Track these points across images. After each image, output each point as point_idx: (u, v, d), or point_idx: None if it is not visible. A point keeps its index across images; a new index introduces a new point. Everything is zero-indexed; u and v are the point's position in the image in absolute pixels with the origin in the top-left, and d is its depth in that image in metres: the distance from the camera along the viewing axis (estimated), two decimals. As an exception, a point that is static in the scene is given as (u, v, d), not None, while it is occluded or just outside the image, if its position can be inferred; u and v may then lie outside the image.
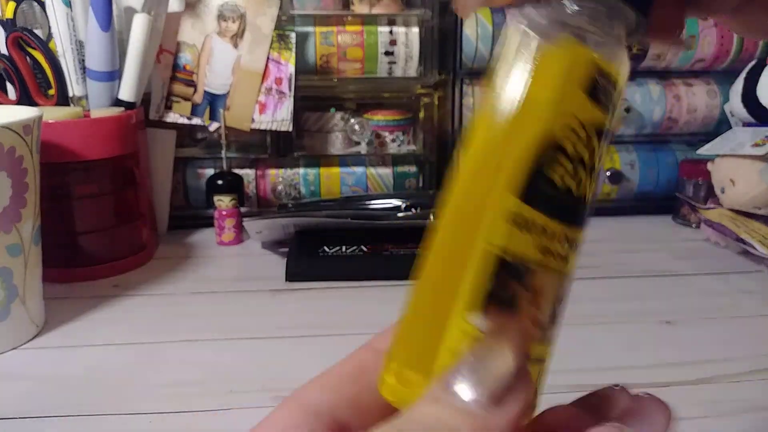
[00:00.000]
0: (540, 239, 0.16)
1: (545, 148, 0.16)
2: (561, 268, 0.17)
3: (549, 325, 0.17)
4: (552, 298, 0.17)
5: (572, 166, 0.16)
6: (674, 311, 0.49)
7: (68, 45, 0.58)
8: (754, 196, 0.60)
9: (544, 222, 0.16)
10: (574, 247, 0.17)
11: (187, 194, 0.70)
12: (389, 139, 0.72)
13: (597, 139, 0.17)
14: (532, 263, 0.16)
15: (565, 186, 0.16)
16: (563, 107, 0.16)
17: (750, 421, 0.36)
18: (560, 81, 0.16)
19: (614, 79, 0.17)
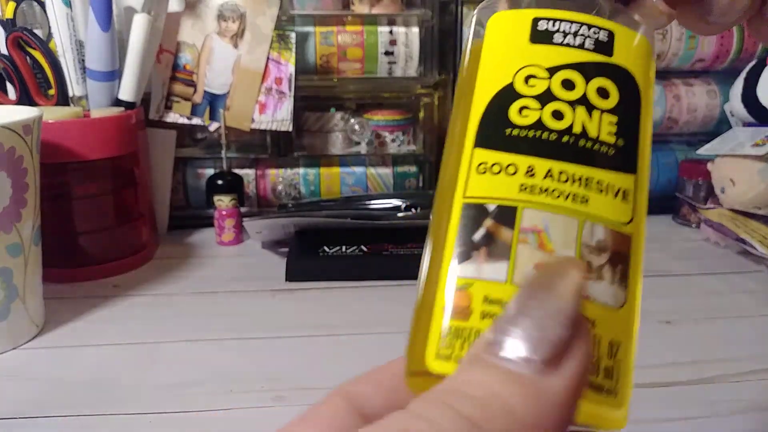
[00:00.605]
0: (515, 179, 0.15)
1: (496, 96, 0.16)
2: (569, 207, 0.15)
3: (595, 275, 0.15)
4: (571, 242, 0.15)
5: (537, 101, 0.16)
6: (674, 311, 0.49)
7: (68, 45, 0.58)
8: (754, 196, 0.60)
9: (512, 160, 0.15)
10: (596, 188, 0.16)
11: (187, 194, 0.70)
12: (389, 139, 0.72)
13: (576, 73, 0.16)
14: (512, 202, 0.15)
15: (528, 121, 0.16)
16: (507, 60, 0.16)
17: (750, 421, 0.36)
18: (494, 41, 0.17)
19: (584, 21, 0.17)
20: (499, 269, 0.15)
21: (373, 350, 0.43)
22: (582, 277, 0.14)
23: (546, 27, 0.17)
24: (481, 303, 0.15)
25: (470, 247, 0.15)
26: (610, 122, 0.16)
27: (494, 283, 0.15)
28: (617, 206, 0.16)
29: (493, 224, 0.15)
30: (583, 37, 0.17)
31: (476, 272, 0.15)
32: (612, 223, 0.16)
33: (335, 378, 0.41)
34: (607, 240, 0.15)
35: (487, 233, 0.15)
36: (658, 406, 0.37)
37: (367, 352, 0.43)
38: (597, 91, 0.16)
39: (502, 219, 0.15)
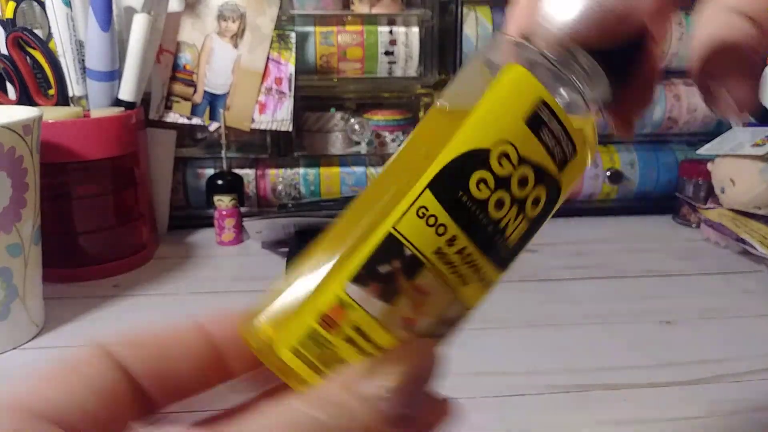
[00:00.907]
0: (438, 240, 0.17)
1: (471, 153, 0.17)
2: (454, 283, 0.17)
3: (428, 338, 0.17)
4: (436, 312, 0.17)
5: (495, 183, 0.17)
6: (674, 311, 0.49)
7: (68, 45, 0.58)
8: (754, 196, 0.60)
9: (446, 222, 0.17)
10: (478, 276, 0.17)
11: (187, 194, 0.70)
12: (389, 139, 0.72)
13: (533, 175, 0.17)
14: (423, 259, 0.17)
15: (480, 197, 0.17)
16: (498, 125, 0.17)
17: (750, 421, 0.36)
18: (502, 99, 0.17)
19: (569, 130, 0.18)
20: (379, 308, 0.16)
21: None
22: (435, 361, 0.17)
23: (542, 118, 0.17)
24: (350, 327, 0.16)
25: (372, 275, 0.16)
26: (522, 230, 0.18)
27: (368, 317, 0.16)
28: (480, 296, 0.18)
29: (399, 268, 0.16)
30: (557, 146, 0.18)
31: (362, 300, 0.16)
32: (468, 307, 0.18)
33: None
34: (457, 317, 0.18)
35: (389, 273, 0.16)
36: (657, 406, 0.37)
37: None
38: (533, 199, 0.18)
39: (408, 268, 0.16)
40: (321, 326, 0.16)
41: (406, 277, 0.16)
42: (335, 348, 0.17)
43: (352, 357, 0.17)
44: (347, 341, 0.17)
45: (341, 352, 0.17)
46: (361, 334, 0.17)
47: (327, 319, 0.16)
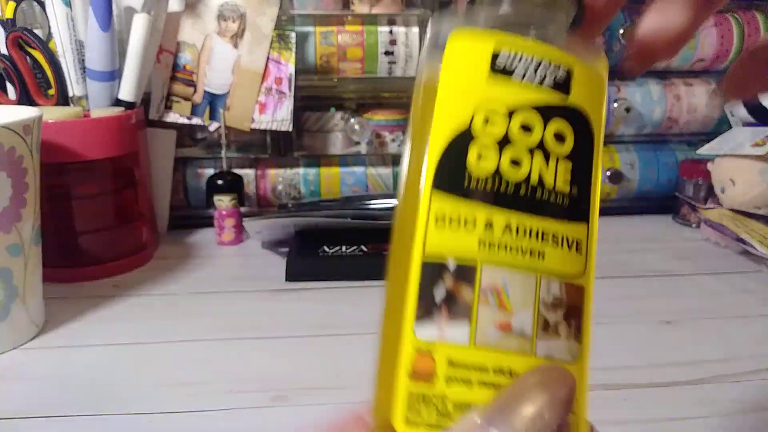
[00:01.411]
0: (474, 234, 0.15)
1: (454, 138, 0.16)
2: (524, 263, 0.15)
3: (542, 333, 0.15)
4: (527, 300, 0.15)
5: (495, 147, 0.16)
6: (674, 311, 0.49)
7: (68, 45, 0.58)
8: (754, 196, 0.60)
9: (469, 214, 0.15)
10: (549, 241, 0.16)
11: (187, 194, 0.70)
12: (389, 138, 0.72)
13: (534, 115, 0.16)
14: (471, 261, 0.15)
15: (487, 170, 0.15)
16: (465, 95, 0.16)
17: (750, 421, 0.36)
18: (457, 68, 0.16)
19: (545, 57, 0.16)
20: (462, 331, 0.15)
21: (372, 351, 0.43)
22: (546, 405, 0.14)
23: (505, 63, 0.16)
24: (446, 367, 0.15)
25: (431, 306, 0.15)
26: (566, 169, 0.16)
27: (457, 347, 0.15)
28: (571, 259, 0.16)
29: (454, 283, 0.15)
30: (543, 74, 0.16)
31: (438, 334, 0.15)
32: (567, 277, 0.16)
33: (335, 378, 0.41)
34: (562, 295, 0.16)
35: (447, 292, 0.15)
36: (657, 406, 0.37)
37: (367, 352, 0.43)
38: (554, 135, 0.16)
39: (462, 277, 0.15)
40: (417, 382, 0.15)
41: (467, 286, 0.15)
42: (446, 397, 0.15)
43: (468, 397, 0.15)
44: (452, 382, 0.15)
45: (456, 397, 0.15)
46: (460, 366, 0.15)
47: (418, 374, 0.15)
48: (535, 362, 0.15)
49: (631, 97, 0.72)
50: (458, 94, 0.16)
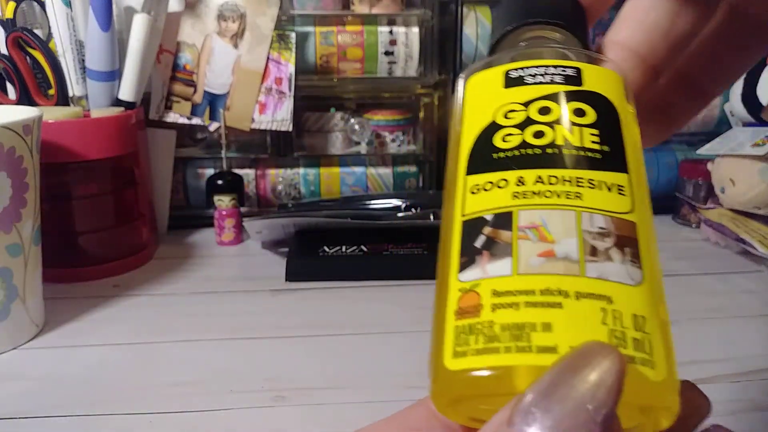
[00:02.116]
0: (507, 190, 0.16)
1: (482, 132, 0.17)
2: (559, 201, 0.15)
3: (591, 257, 0.15)
4: (568, 230, 0.15)
5: (518, 128, 0.17)
6: (674, 311, 0.49)
7: (68, 45, 0.58)
8: (754, 196, 0.60)
9: (501, 176, 0.16)
10: (587, 184, 0.15)
11: (187, 194, 0.70)
12: (389, 139, 0.72)
13: (551, 102, 0.17)
14: (507, 208, 0.15)
15: (512, 143, 0.17)
16: (483, 104, 0.18)
17: (750, 421, 0.36)
18: (473, 94, 0.19)
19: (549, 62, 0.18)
20: (503, 265, 0.15)
21: (373, 350, 0.43)
22: (619, 370, 0.13)
23: (517, 74, 0.18)
24: (490, 296, 0.14)
25: (473, 253, 0.15)
26: (592, 134, 0.16)
27: (500, 278, 0.15)
28: (614, 198, 0.16)
29: (492, 230, 0.15)
30: (551, 75, 0.18)
31: (481, 273, 0.15)
32: (611, 212, 0.15)
33: (335, 378, 0.41)
34: (609, 226, 0.15)
35: (487, 239, 0.15)
36: (658, 406, 0.37)
37: (367, 352, 0.43)
38: (574, 111, 0.17)
39: (500, 224, 0.15)
40: (462, 318, 0.14)
41: (505, 229, 0.15)
42: (493, 322, 0.14)
43: (515, 318, 0.14)
44: (498, 308, 0.14)
45: (502, 320, 0.14)
46: (505, 293, 0.14)
47: (463, 310, 0.15)
48: (587, 282, 0.14)
49: (631, 97, 0.72)
50: (480, 105, 0.18)
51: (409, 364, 0.40)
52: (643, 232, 0.16)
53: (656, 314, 0.15)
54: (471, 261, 0.15)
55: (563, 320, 0.14)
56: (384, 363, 0.42)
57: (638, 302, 0.15)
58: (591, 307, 0.14)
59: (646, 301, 0.15)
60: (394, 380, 0.39)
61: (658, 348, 0.15)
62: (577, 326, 0.14)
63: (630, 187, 0.16)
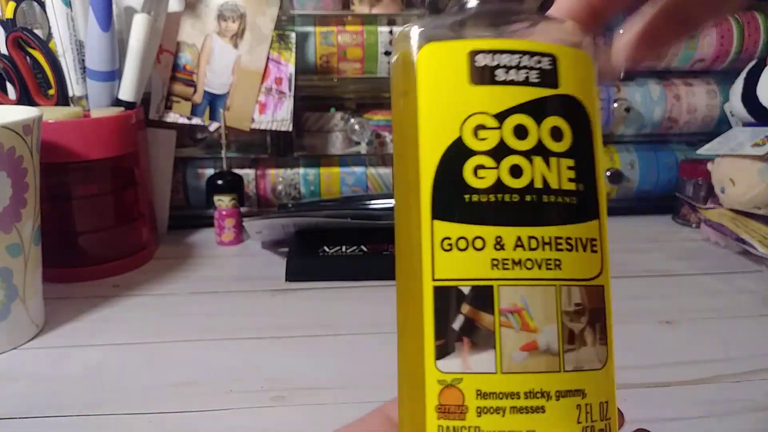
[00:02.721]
0: (485, 254, 0.14)
1: (444, 156, 0.15)
2: (542, 275, 0.15)
3: (569, 346, 0.15)
4: (549, 315, 0.15)
5: (491, 157, 0.15)
6: (674, 311, 0.49)
7: (68, 45, 0.58)
8: (754, 196, 0.60)
9: (477, 233, 0.15)
10: (564, 247, 0.15)
11: (187, 194, 0.70)
12: (389, 139, 0.72)
13: (526, 115, 0.15)
14: (486, 282, 0.14)
15: (487, 183, 0.15)
16: (449, 109, 0.15)
17: (750, 421, 0.36)
18: (434, 85, 0.15)
19: (524, 50, 0.16)
20: (487, 360, 0.14)
21: (373, 350, 0.43)
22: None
23: (485, 63, 0.15)
24: (475, 398, 0.14)
25: (451, 338, 0.14)
26: (568, 167, 0.15)
27: (485, 376, 0.14)
28: (588, 260, 0.15)
29: (471, 309, 0.14)
30: (526, 69, 0.15)
31: (463, 366, 0.14)
32: (586, 280, 0.15)
33: (335, 378, 0.41)
34: (584, 301, 0.15)
35: (466, 320, 0.14)
36: (657, 406, 0.37)
37: (367, 352, 0.43)
38: (550, 133, 0.15)
39: (480, 302, 0.14)
40: (447, 417, 0.14)
41: (485, 311, 0.14)
42: (480, 429, 0.14)
43: (502, 426, 0.14)
44: (484, 413, 0.14)
45: (489, 427, 0.14)
46: (490, 396, 0.14)
47: (446, 408, 0.14)
48: (566, 378, 0.15)
49: (631, 97, 0.72)
50: (441, 107, 0.15)
51: (409, 364, 0.40)
52: (607, 294, 0.16)
53: (613, 391, 0.16)
54: (450, 348, 0.14)
55: (546, 426, 0.14)
56: (384, 363, 0.42)
57: (604, 386, 0.15)
58: (569, 406, 0.14)
59: (609, 381, 0.15)
60: (394, 380, 0.39)
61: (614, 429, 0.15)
62: (557, 430, 0.14)
63: (599, 236, 0.16)
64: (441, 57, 0.16)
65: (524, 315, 0.15)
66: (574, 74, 0.16)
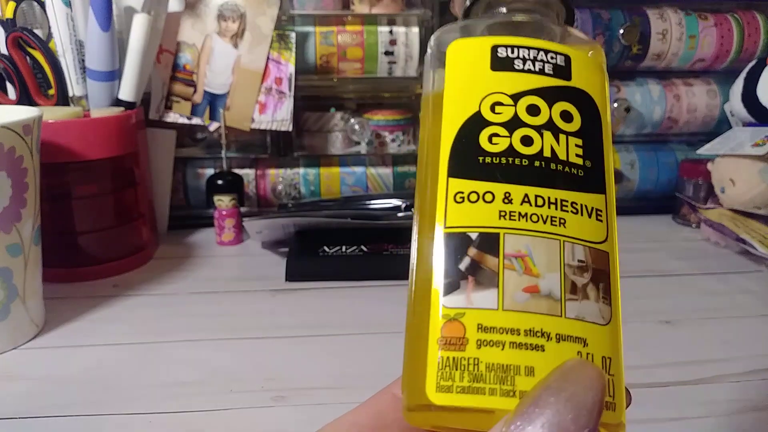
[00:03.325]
0: (493, 206, 0.16)
1: (464, 124, 0.17)
2: (545, 229, 0.15)
3: (571, 295, 0.15)
4: (552, 264, 0.15)
5: (505, 128, 0.16)
6: (674, 311, 0.49)
7: (68, 45, 0.58)
8: (754, 196, 0.61)
9: (487, 188, 0.16)
10: (569, 210, 0.16)
11: (187, 194, 0.70)
12: (389, 139, 0.72)
13: (539, 98, 0.17)
14: (493, 229, 0.15)
15: (500, 148, 0.16)
16: (472, 88, 0.17)
17: (749, 421, 0.36)
18: (456, 69, 0.17)
19: (542, 48, 0.17)
20: (489, 297, 0.15)
21: (373, 350, 0.43)
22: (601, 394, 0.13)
23: (506, 54, 0.17)
24: (476, 331, 0.15)
25: (457, 276, 0.15)
26: (576, 145, 0.17)
27: (486, 311, 0.15)
28: (592, 226, 0.16)
29: (478, 253, 0.15)
30: (542, 62, 0.17)
31: (466, 302, 0.15)
32: (590, 242, 0.16)
33: (335, 378, 0.41)
34: (587, 259, 0.16)
35: (472, 262, 0.15)
36: (657, 406, 0.37)
37: (367, 352, 0.43)
38: (561, 114, 0.17)
39: (486, 246, 0.15)
40: (447, 348, 0.15)
41: (491, 254, 0.15)
42: (479, 360, 0.14)
43: (501, 359, 0.14)
44: (484, 345, 0.15)
45: (488, 359, 0.14)
46: (491, 329, 0.15)
47: (447, 340, 0.15)
48: (567, 324, 0.15)
49: (631, 97, 0.72)
50: (464, 88, 0.17)
51: (409, 364, 0.40)
52: (613, 263, 0.16)
53: (618, 352, 0.16)
54: (455, 285, 0.15)
55: (545, 364, 0.14)
56: (384, 363, 0.42)
57: (607, 343, 0.15)
58: (569, 351, 0.15)
59: (613, 340, 0.16)
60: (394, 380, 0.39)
61: (619, 389, 0.16)
62: None
63: (605, 210, 0.17)
64: (467, 48, 0.18)
65: (527, 261, 0.15)
66: (586, 74, 0.18)
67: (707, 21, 0.71)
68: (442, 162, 0.16)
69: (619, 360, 0.16)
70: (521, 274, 0.15)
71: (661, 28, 0.70)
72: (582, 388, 0.13)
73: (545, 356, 0.14)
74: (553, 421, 0.13)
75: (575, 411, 0.13)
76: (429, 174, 0.17)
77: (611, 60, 0.71)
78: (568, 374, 0.14)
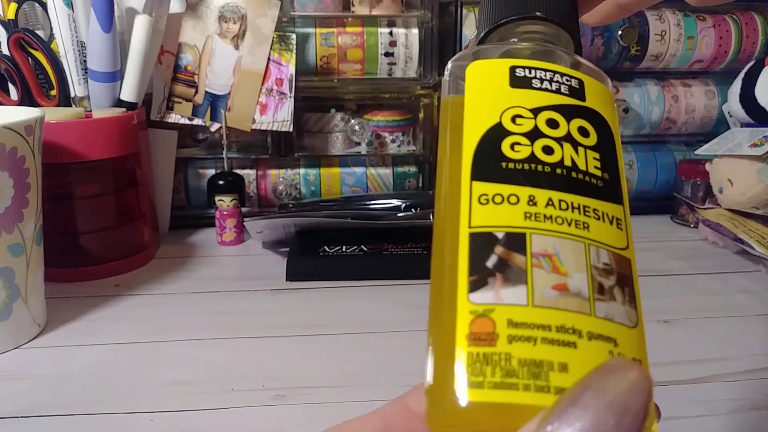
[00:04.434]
0: (518, 207, 0.16)
1: (487, 133, 0.17)
2: (570, 231, 0.15)
3: (599, 295, 0.15)
4: (578, 264, 0.15)
5: (526, 138, 0.17)
6: (672, 311, 0.50)
7: (70, 46, 0.58)
8: (752, 196, 0.61)
9: (512, 191, 0.16)
10: (592, 215, 0.16)
11: (189, 194, 0.71)
12: (389, 139, 0.73)
13: (557, 114, 0.17)
14: (519, 229, 0.15)
15: (523, 155, 0.16)
16: (491, 104, 0.17)
17: (748, 420, 0.36)
18: (475, 86, 0.18)
19: (557, 71, 0.18)
20: (519, 293, 0.15)
21: (373, 350, 0.44)
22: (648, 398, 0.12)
23: (523, 74, 0.18)
24: (506, 327, 0.14)
25: (484, 273, 0.15)
26: (594, 158, 0.17)
27: (516, 307, 0.14)
28: (614, 233, 0.16)
29: (504, 251, 0.15)
30: (558, 83, 0.18)
31: (495, 298, 0.15)
32: (613, 248, 0.16)
33: (335, 378, 0.41)
34: (612, 263, 0.16)
35: (499, 259, 0.15)
36: (656, 405, 0.37)
37: (367, 352, 0.43)
38: (578, 130, 0.17)
39: (513, 245, 0.15)
40: (477, 345, 0.14)
41: (518, 252, 0.15)
42: (511, 355, 0.14)
43: (533, 354, 0.14)
44: (515, 340, 0.14)
45: (520, 354, 0.14)
46: (521, 325, 0.14)
47: (477, 336, 0.14)
48: (597, 322, 0.15)
49: (629, 97, 0.72)
50: (484, 101, 0.18)
51: (409, 364, 0.40)
52: (635, 270, 0.17)
53: (645, 357, 0.16)
54: (483, 282, 0.15)
55: (578, 361, 0.14)
56: (384, 362, 0.42)
57: (636, 345, 0.15)
58: (601, 349, 0.14)
59: (641, 343, 0.16)
60: (394, 380, 0.40)
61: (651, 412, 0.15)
62: (590, 368, 0.14)
63: (624, 220, 0.17)
64: (486, 67, 0.18)
65: (555, 260, 0.15)
66: (598, 98, 0.18)
67: (705, 22, 0.71)
68: (464, 167, 0.16)
69: (646, 362, 0.16)
70: (549, 272, 0.15)
71: (659, 29, 0.70)
72: (627, 392, 0.12)
73: (578, 353, 0.14)
74: (594, 424, 0.12)
75: (618, 416, 0.12)
76: (451, 179, 0.17)
77: (610, 61, 0.71)
78: (611, 375, 0.13)
